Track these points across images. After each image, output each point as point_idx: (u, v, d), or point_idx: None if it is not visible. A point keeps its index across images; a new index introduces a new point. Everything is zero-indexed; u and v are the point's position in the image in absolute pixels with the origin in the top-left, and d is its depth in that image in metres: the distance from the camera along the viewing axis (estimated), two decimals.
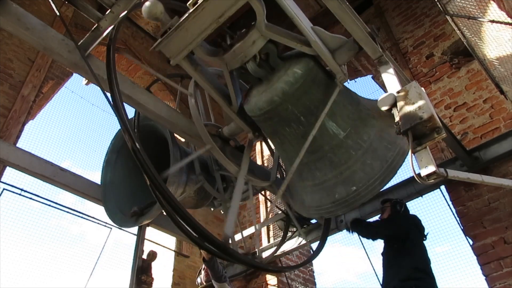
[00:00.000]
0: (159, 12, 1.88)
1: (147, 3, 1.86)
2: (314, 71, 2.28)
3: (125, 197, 2.89)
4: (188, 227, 1.76)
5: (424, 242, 3.22)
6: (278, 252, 4.19)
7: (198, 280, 3.93)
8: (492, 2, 2.93)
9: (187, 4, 1.91)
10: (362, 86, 7.29)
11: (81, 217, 4.22)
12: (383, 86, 3.11)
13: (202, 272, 3.88)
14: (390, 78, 2.25)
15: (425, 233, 3.28)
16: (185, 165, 2.74)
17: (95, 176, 2.97)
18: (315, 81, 2.28)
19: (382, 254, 3.30)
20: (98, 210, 4.29)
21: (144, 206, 2.67)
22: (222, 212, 3.47)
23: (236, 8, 1.87)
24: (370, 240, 3.57)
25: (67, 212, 4.12)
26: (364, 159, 2.17)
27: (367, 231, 3.47)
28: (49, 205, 3.97)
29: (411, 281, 2.90)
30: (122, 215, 2.79)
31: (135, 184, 2.90)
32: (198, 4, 1.85)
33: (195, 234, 1.78)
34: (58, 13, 1.99)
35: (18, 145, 3.91)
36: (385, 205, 3.53)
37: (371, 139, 2.20)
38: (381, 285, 3.20)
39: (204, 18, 1.90)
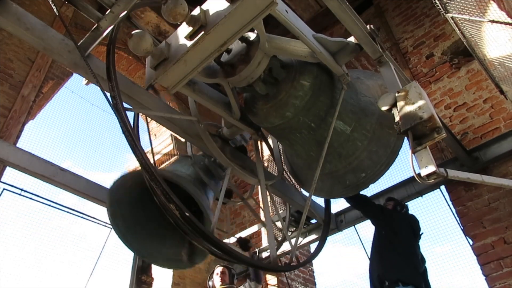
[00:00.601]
0: (149, 45, 1.81)
1: (133, 38, 1.77)
2: (319, 78, 2.31)
3: (151, 239, 2.73)
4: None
5: (419, 242, 3.26)
6: (278, 252, 4.19)
7: (210, 283, 3.89)
8: (492, 2, 2.93)
9: (183, 36, 1.81)
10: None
11: (81, 217, 4.22)
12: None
13: (215, 276, 3.84)
14: (390, 78, 2.25)
15: (420, 233, 3.31)
16: (198, 184, 2.69)
17: (96, 176, 2.94)
18: (321, 88, 2.32)
19: (372, 241, 3.37)
20: (98, 211, 4.30)
21: (188, 248, 2.58)
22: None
23: (239, 36, 1.80)
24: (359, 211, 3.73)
25: (67, 212, 4.12)
26: (370, 148, 2.34)
27: (362, 202, 3.50)
28: (50, 205, 3.96)
29: (395, 274, 2.93)
30: (173, 261, 2.69)
31: (150, 221, 2.74)
32: (197, 38, 1.75)
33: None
34: (57, 13, 1.98)
35: (18, 145, 3.91)
36: (388, 202, 3.58)
37: (374, 128, 2.35)
38: (369, 275, 3.21)
39: (205, 48, 1.80)
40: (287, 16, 1.92)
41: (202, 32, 1.74)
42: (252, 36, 2.16)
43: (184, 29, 1.83)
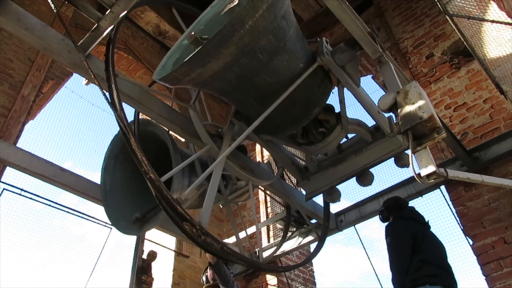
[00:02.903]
0: None
1: None
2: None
3: (127, 203, 2.80)
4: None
5: (431, 231, 3.05)
6: (278, 252, 4.20)
7: (204, 278, 3.93)
8: (492, 2, 2.93)
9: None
10: (362, 86, 7.27)
11: (81, 217, 4.22)
12: (383, 86, 3.12)
13: (208, 271, 3.87)
14: (390, 78, 2.25)
15: (426, 221, 3.11)
16: (187, 168, 2.71)
17: (97, 177, 2.94)
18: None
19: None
20: (99, 211, 4.29)
21: (146, 211, 2.60)
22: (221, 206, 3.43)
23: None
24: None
25: (68, 212, 4.12)
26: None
27: (399, 268, 2.95)
28: (49, 205, 3.96)
29: (424, 278, 2.75)
30: (125, 222, 2.70)
31: (137, 188, 2.81)
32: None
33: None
34: (55, 10, 1.98)
35: (18, 145, 3.91)
36: (381, 215, 3.36)
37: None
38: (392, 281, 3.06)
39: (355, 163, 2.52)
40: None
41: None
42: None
43: None
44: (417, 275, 2.77)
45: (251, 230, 4.96)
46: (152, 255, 4.82)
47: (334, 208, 4.62)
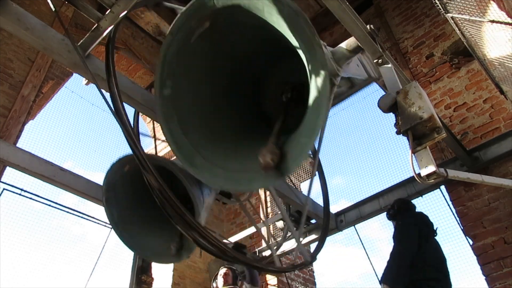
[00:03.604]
0: None
1: None
2: None
3: (144, 232, 2.68)
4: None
5: (436, 238, 3.08)
6: (278, 252, 4.20)
7: (214, 285, 3.94)
8: (492, 2, 2.93)
9: None
10: None
11: (81, 217, 4.23)
12: (383, 86, 3.12)
13: (219, 277, 3.89)
14: (390, 78, 2.25)
15: (435, 229, 3.12)
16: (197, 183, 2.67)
17: (97, 177, 2.93)
18: None
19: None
20: (99, 211, 4.29)
21: (178, 242, 2.53)
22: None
23: None
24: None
25: (67, 212, 4.13)
26: None
27: (399, 270, 2.94)
28: (50, 205, 3.97)
29: (424, 281, 2.79)
30: (158, 255, 2.64)
31: (149, 215, 2.70)
32: None
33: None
34: (54, 10, 1.98)
35: (18, 145, 3.91)
36: (389, 213, 3.34)
37: None
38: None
39: None
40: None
41: None
42: None
43: None
44: (419, 276, 2.79)
45: (251, 230, 4.97)
46: None
47: (334, 208, 4.62)
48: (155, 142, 3.78)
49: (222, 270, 3.90)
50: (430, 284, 2.79)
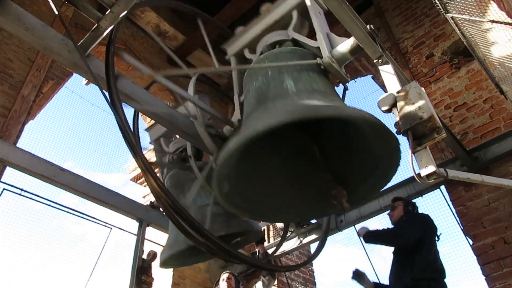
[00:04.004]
0: None
1: None
2: (307, 56, 2.24)
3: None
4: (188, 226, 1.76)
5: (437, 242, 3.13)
6: (278, 252, 4.20)
7: None
8: (492, 2, 2.93)
9: None
10: (362, 86, 7.31)
11: (81, 217, 4.22)
12: (383, 86, 3.12)
13: (221, 282, 3.90)
14: (390, 78, 2.25)
15: (438, 234, 3.16)
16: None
17: (97, 177, 2.93)
18: (301, 58, 2.19)
19: (394, 252, 3.20)
20: (99, 211, 4.30)
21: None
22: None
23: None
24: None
25: (67, 212, 4.12)
26: (294, 102, 1.93)
27: (385, 240, 3.27)
28: (50, 205, 3.96)
29: (425, 280, 2.83)
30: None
31: None
32: None
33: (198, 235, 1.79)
34: (56, 12, 1.99)
35: (18, 145, 3.91)
36: (396, 203, 3.39)
37: (317, 98, 1.94)
38: (389, 281, 3.12)
39: (261, 25, 2.32)
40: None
41: None
42: None
43: None
44: (421, 276, 2.84)
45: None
46: (152, 255, 4.82)
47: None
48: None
49: (225, 275, 3.92)
50: (430, 284, 2.81)
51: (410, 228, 3.11)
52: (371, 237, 3.31)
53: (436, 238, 3.13)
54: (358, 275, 3.23)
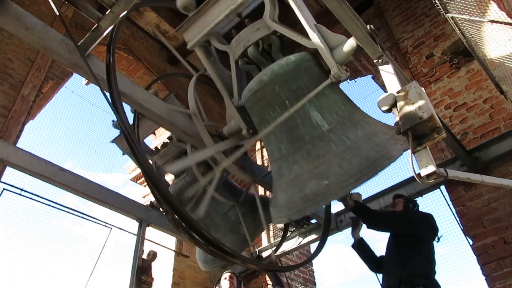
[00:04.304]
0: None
1: None
2: (309, 63, 2.24)
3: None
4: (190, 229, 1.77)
5: (435, 243, 3.11)
6: (278, 252, 4.20)
7: None
8: (492, 2, 2.93)
9: None
10: (362, 86, 7.31)
11: (81, 217, 4.21)
12: (383, 86, 3.11)
13: (223, 280, 3.90)
14: (390, 78, 2.25)
15: (438, 235, 3.14)
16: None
17: (97, 177, 2.93)
18: (308, 72, 2.20)
19: (388, 246, 3.19)
20: (99, 211, 4.30)
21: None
22: None
23: None
24: (374, 230, 3.28)
25: (67, 212, 4.11)
26: (344, 155, 1.98)
27: (376, 219, 3.18)
28: (50, 205, 3.96)
29: (423, 277, 2.83)
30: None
31: None
32: None
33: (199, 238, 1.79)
34: (57, 13, 1.99)
35: (18, 145, 3.91)
36: (397, 200, 3.36)
37: (357, 138, 2.03)
38: (382, 277, 3.12)
39: (220, 6, 2.19)
40: None
41: None
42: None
43: None
44: (419, 272, 2.85)
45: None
46: (152, 255, 4.82)
47: (334, 208, 4.62)
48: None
49: (227, 274, 3.92)
50: (425, 282, 2.82)
51: (417, 218, 3.12)
52: (368, 215, 3.16)
53: (436, 239, 3.11)
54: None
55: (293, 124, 2.11)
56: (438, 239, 3.13)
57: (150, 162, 3.20)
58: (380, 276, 3.25)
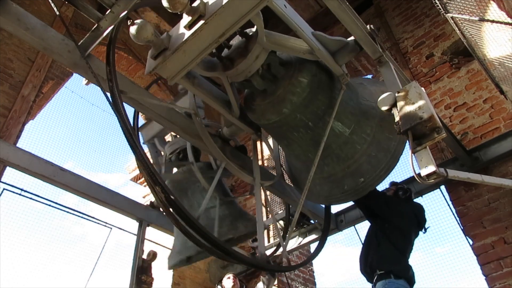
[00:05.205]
0: (150, 34, 1.81)
1: (135, 27, 1.77)
2: (317, 77, 2.30)
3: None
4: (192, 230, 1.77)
5: (421, 233, 3.16)
6: (278, 252, 4.19)
7: (219, 287, 3.98)
8: (492, 2, 2.93)
9: (183, 26, 1.81)
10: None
11: (81, 217, 4.22)
12: None
13: (226, 280, 3.92)
14: (390, 78, 2.25)
15: (425, 226, 3.18)
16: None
17: (98, 177, 2.93)
18: (320, 86, 2.30)
19: (371, 230, 3.22)
20: (99, 211, 4.30)
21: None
22: None
23: (238, 26, 1.80)
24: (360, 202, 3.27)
25: (67, 212, 4.12)
26: (369, 152, 2.29)
27: (374, 203, 3.19)
28: (50, 205, 3.96)
29: (388, 264, 2.86)
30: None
31: None
32: (196, 27, 1.76)
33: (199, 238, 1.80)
34: (58, 13, 1.99)
35: (18, 145, 3.91)
36: (390, 188, 3.42)
37: (374, 131, 2.31)
38: (359, 260, 3.13)
39: (203, 38, 1.81)
40: (285, 11, 1.91)
41: (201, 22, 1.74)
42: (251, 31, 2.16)
43: (184, 20, 1.83)
44: (406, 264, 2.93)
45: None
46: (152, 255, 4.81)
47: (334, 208, 4.62)
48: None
49: (230, 274, 3.96)
50: (394, 268, 2.85)
51: (398, 209, 3.14)
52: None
53: (423, 231, 3.16)
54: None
55: (318, 137, 2.27)
56: (425, 230, 3.17)
57: (162, 153, 3.22)
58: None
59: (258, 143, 6.18)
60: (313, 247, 4.97)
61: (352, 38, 2.33)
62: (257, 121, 2.45)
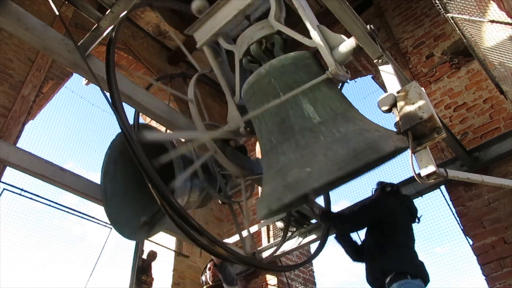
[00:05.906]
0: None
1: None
2: (307, 60, 2.24)
3: (130, 208, 2.75)
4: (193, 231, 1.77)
5: (415, 224, 3.04)
6: (278, 252, 4.20)
7: (203, 278, 3.97)
8: (492, 2, 2.93)
9: None
10: (362, 86, 7.31)
11: (81, 217, 4.23)
12: (383, 86, 3.12)
13: (208, 271, 3.91)
14: (390, 78, 2.25)
15: (418, 216, 3.07)
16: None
17: (97, 177, 2.94)
18: (306, 68, 2.18)
19: (366, 237, 3.10)
20: (99, 211, 4.30)
21: (152, 214, 2.55)
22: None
23: None
24: (348, 233, 3.21)
25: (67, 212, 4.13)
26: (331, 146, 1.92)
27: (344, 223, 3.11)
28: (50, 205, 3.97)
29: (402, 265, 2.74)
30: (131, 228, 2.64)
31: (138, 192, 2.74)
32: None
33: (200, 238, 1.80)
34: (58, 13, 1.99)
35: (18, 145, 3.91)
36: (376, 188, 3.31)
37: (348, 132, 1.97)
38: (365, 268, 3.00)
39: (229, 7, 2.26)
40: None
41: None
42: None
43: None
44: (398, 259, 2.81)
45: (253, 229, 4.96)
46: (152, 255, 4.83)
47: (335, 208, 4.62)
48: None
49: (209, 264, 3.98)
50: (408, 268, 2.75)
51: (388, 207, 3.02)
52: (337, 223, 3.14)
53: (416, 221, 3.05)
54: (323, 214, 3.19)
55: (285, 115, 2.09)
56: (418, 220, 3.06)
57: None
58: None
59: (258, 144, 6.18)
60: (313, 247, 4.97)
61: (352, 38, 2.33)
62: (243, 92, 2.42)
